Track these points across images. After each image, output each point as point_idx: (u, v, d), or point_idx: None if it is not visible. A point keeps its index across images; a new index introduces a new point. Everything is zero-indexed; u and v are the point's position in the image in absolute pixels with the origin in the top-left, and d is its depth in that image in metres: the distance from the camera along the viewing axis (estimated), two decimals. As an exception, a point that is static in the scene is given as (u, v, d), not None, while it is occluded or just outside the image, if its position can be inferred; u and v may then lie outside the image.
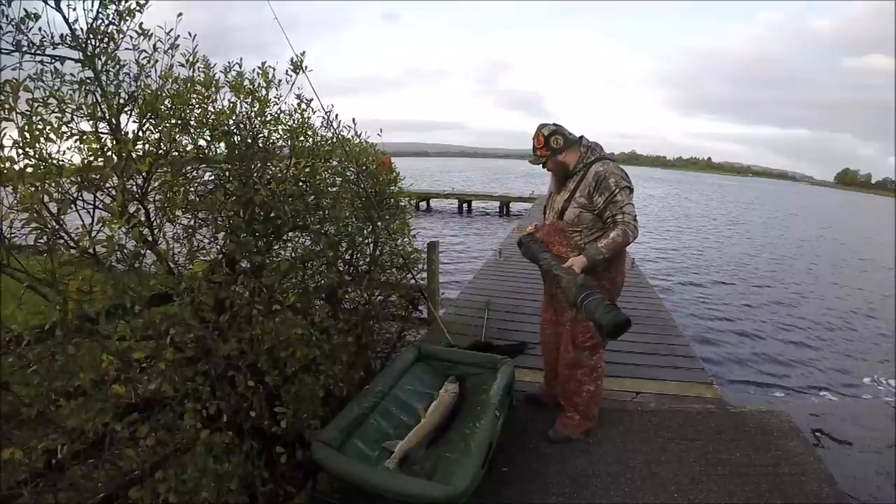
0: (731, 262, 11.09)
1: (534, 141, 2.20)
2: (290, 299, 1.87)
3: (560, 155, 2.17)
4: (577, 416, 2.36)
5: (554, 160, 2.17)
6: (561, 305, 2.30)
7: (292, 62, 2.05)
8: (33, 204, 1.18)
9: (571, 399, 2.35)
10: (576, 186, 2.15)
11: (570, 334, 2.26)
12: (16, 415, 1.20)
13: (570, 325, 2.26)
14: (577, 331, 2.24)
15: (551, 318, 2.45)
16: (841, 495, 2.03)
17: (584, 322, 2.16)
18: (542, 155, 2.18)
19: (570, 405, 2.36)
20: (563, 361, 2.33)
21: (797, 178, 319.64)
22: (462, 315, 4.23)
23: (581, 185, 2.13)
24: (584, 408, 2.34)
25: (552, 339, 2.45)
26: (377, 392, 2.08)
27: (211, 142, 1.76)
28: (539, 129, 2.19)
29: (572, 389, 2.33)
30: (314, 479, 1.92)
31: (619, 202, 2.03)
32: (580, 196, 2.12)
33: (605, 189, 2.05)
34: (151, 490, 1.38)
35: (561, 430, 2.37)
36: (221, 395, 1.58)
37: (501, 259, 6.69)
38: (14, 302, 1.25)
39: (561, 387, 2.40)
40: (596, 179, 2.07)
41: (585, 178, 2.13)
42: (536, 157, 2.21)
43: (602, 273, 2.14)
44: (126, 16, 1.55)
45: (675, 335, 3.90)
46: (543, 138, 2.16)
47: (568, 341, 2.28)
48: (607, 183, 2.05)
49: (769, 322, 6.85)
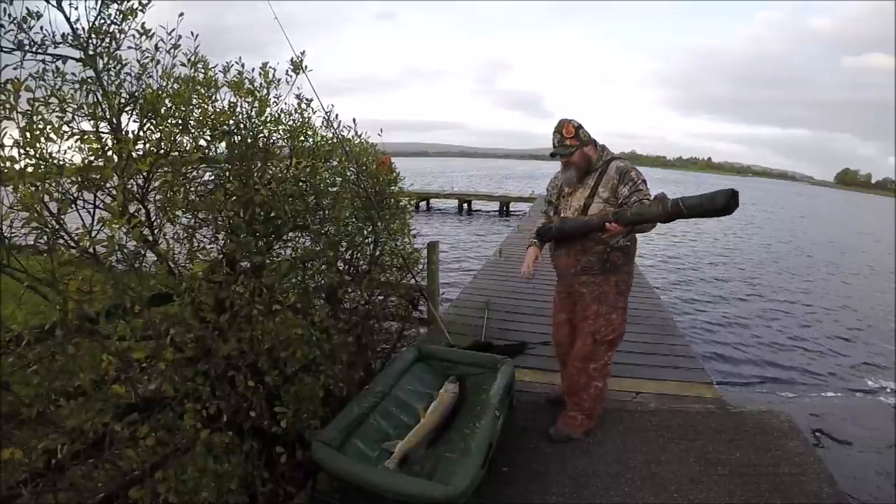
0: (731, 263, 11.09)
1: (560, 132, 2.18)
2: (291, 299, 1.87)
3: (586, 147, 2.19)
4: (581, 416, 2.37)
5: (581, 152, 2.18)
6: (583, 301, 2.29)
7: (292, 62, 2.05)
8: (33, 204, 1.18)
9: (578, 395, 2.36)
10: (596, 183, 2.17)
11: (592, 328, 2.27)
12: (16, 415, 1.20)
13: (592, 320, 2.27)
14: (599, 325, 2.26)
15: (567, 317, 2.44)
16: (841, 495, 2.03)
17: (607, 316, 2.23)
18: (571, 145, 2.17)
19: (575, 403, 2.37)
20: (578, 355, 2.33)
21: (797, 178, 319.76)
22: (462, 315, 4.22)
23: (603, 181, 2.16)
24: (589, 406, 2.36)
25: (568, 338, 2.45)
26: (377, 392, 2.08)
27: (211, 142, 1.76)
28: (567, 121, 2.19)
29: (581, 385, 2.34)
30: (314, 479, 1.92)
31: (643, 190, 2.11)
32: (603, 191, 2.15)
33: (629, 180, 2.12)
34: (151, 490, 1.38)
35: (562, 429, 2.37)
36: (221, 395, 1.58)
37: (501, 259, 6.68)
38: (14, 302, 1.25)
39: (568, 382, 2.40)
40: (619, 173, 2.13)
41: (606, 173, 2.16)
42: (565, 148, 2.17)
43: (620, 266, 2.22)
44: (128, 15, 1.55)
45: (674, 335, 3.91)
46: (574, 129, 2.17)
47: (588, 335, 2.29)
48: (630, 175, 2.13)
49: (769, 322, 6.84)
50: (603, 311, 2.24)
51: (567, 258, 2.27)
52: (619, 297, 2.27)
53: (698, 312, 7.04)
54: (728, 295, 8.18)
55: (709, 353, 5.37)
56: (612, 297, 2.24)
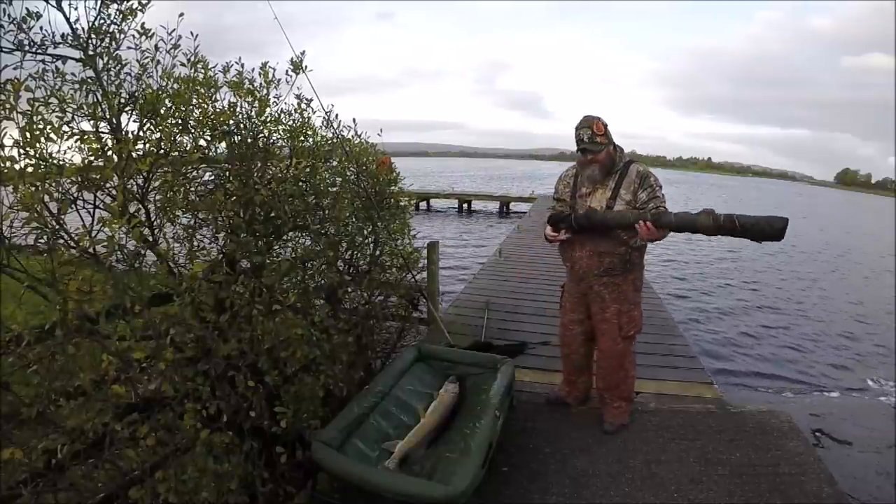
0: (730, 263, 11.09)
1: (591, 128, 2.14)
2: (291, 299, 1.87)
3: (611, 147, 2.20)
4: (624, 403, 2.48)
5: (608, 150, 2.18)
6: (603, 302, 2.31)
7: (292, 62, 2.05)
8: (33, 204, 1.18)
9: (619, 388, 2.44)
10: (617, 184, 2.18)
11: (617, 326, 2.31)
12: (16, 415, 1.20)
13: (616, 319, 2.31)
14: (623, 322, 2.31)
15: (579, 318, 2.45)
16: (841, 495, 2.03)
17: (629, 314, 2.30)
18: (601, 143, 2.15)
19: (616, 394, 2.45)
20: (610, 354, 2.37)
21: (797, 178, 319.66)
22: (462, 315, 4.22)
23: (625, 182, 2.17)
24: (628, 393, 2.48)
25: (580, 338, 2.48)
26: (377, 392, 2.08)
27: (211, 142, 1.76)
28: (595, 118, 2.17)
29: (619, 379, 2.42)
30: (314, 479, 1.92)
31: (660, 197, 2.15)
32: (626, 193, 2.16)
33: (647, 185, 2.15)
34: (151, 490, 1.38)
35: (614, 420, 2.45)
36: (221, 395, 1.58)
37: (501, 259, 6.68)
38: (14, 302, 1.25)
39: (604, 380, 2.45)
40: (640, 177, 2.16)
41: (627, 175, 2.17)
42: (596, 144, 2.15)
43: (636, 264, 2.27)
44: (128, 15, 1.55)
45: (674, 335, 3.90)
46: (604, 126, 2.16)
47: (615, 334, 2.33)
48: (649, 181, 2.16)
49: (769, 322, 6.84)
50: (625, 309, 2.30)
51: (590, 260, 2.26)
52: (637, 294, 2.34)
53: (698, 312, 7.04)
54: (728, 295, 8.18)
55: (709, 352, 5.37)
56: (631, 294, 2.30)
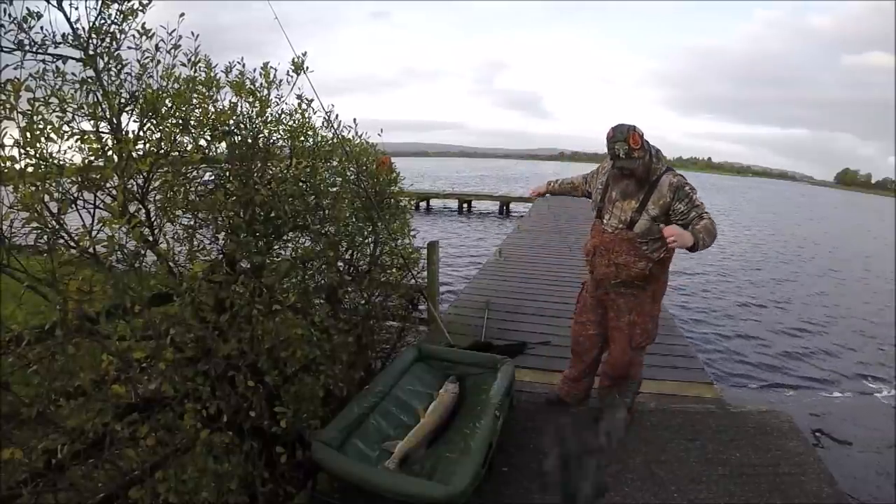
0: (730, 263, 11.09)
1: (627, 142, 1.97)
2: (291, 299, 1.87)
3: (647, 157, 2.04)
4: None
5: (644, 161, 2.02)
6: (618, 310, 2.28)
7: (293, 62, 2.05)
8: (34, 204, 1.18)
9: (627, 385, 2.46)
10: (646, 197, 2.06)
11: (628, 336, 2.28)
12: (16, 415, 1.20)
13: (627, 330, 2.28)
14: (634, 333, 2.28)
15: (597, 320, 2.41)
16: (841, 495, 2.04)
17: (643, 326, 2.26)
18: (639, 157, 2.00)
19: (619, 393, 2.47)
20: (621, 363, 2.36)
21: (797, 178, 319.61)
22: (462, 315, 4.22)
23: (654, 196, 2.05)
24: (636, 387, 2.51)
25: (595, 339, 2.45)
26: (377, 392, 2.08)
27: (211, 142, 1.76)
28: (631, 128, 1.99)
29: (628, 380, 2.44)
30: (314, 479, 1.92)
31: (699, 206, 2.02)
32: (653, 208, 2.05)
33: (684, 196, 2.02)
34: (151, 490, 1.38)
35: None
36: (221, 395, 1.58)
37: (501, 259, 6.68)
38: (14, 302, 1.25)
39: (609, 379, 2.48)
40: (673, 190, 2.02)
41: (658, 189, 2.04)
42: (632, 160, 2.00)
43: (658, 277, 2.22)
44: (128, 15, 1.55)
45: (674, 335, 3.90)
46: (640, 137, 1.99)
47: (625, 344, 2.30)
48: (685, 191, 2.02)
49: (769, 322, 6.84)
50: (639, 320, 2.25)
51: (607, 269, 2.20)
52: (655, 306, 2.29)
53: (699, 312, 7.04)
54: (729, 295, 8.18)
55: (709, 352, 5.37)
56: (648, 305, 2.26)
